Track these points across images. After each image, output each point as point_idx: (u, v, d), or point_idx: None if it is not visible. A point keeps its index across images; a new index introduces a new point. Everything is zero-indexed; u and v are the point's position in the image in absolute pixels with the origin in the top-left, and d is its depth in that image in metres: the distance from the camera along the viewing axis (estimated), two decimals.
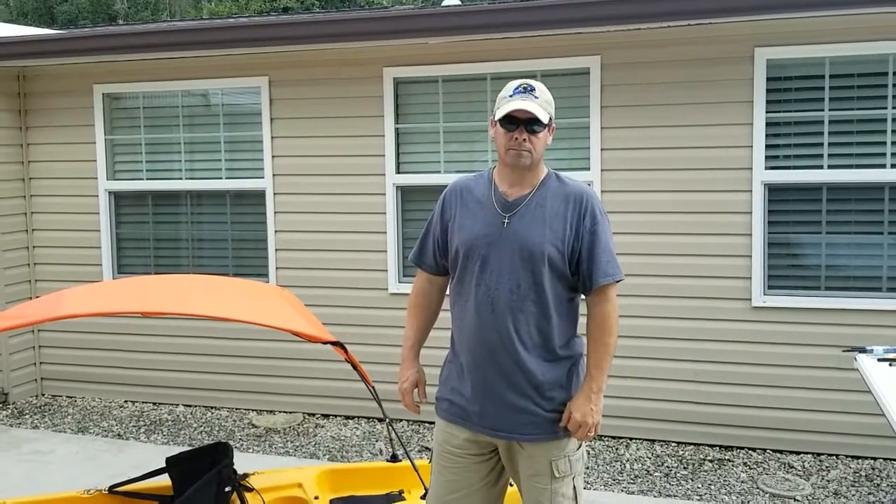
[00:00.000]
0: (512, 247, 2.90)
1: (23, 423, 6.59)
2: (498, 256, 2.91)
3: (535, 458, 2.94)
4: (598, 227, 2.91)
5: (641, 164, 5.73)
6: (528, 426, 2.93)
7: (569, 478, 2.95)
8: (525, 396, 2.91)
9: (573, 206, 2.92)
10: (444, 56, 6.07)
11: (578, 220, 2.90)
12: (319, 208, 6.47)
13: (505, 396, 2.92)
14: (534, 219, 2.91)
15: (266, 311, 3.61)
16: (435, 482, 3.12)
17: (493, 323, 2.90)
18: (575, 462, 2.98)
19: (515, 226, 2.91)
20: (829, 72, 5.37)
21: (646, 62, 5.67)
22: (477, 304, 2.93)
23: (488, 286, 2.91)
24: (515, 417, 2.92)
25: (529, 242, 2.88)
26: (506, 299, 2.88)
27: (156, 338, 6.95)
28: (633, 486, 5.17)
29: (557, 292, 2.91)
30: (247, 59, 6.50)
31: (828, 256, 5.49)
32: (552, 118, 2.97)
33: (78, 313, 3.31)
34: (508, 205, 2.96)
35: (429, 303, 3.21)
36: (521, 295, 2.88)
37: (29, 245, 7.24)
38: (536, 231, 2.89)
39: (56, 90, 7.06)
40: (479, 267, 2.93)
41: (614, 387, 5.84)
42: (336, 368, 6.43)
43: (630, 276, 5.74)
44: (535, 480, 2.95)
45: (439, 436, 3.11)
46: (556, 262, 2.89)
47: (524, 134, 2.90)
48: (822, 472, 5.31)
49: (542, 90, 2.96)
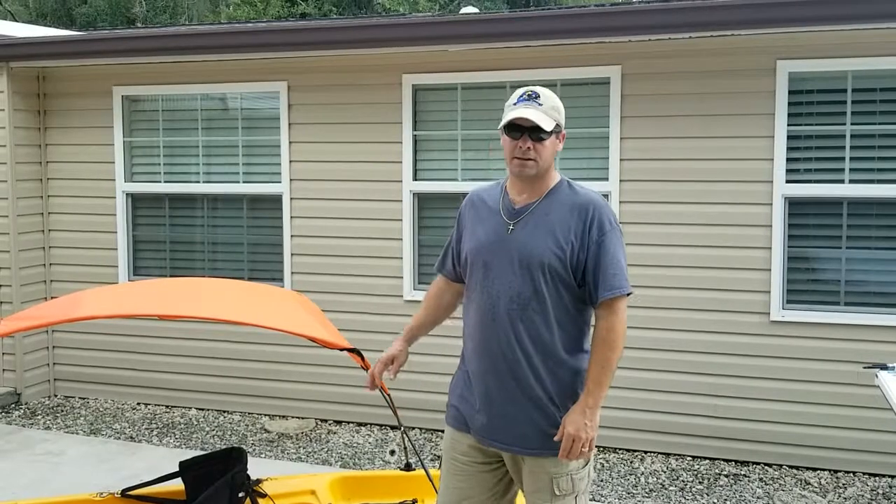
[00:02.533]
0: (512, 254, 2.85)
1: (35, 423, 6.60)
2: (500, 264, 2.87)
3: (536, 473, 2.87)
4: (605, 237, 2.82)
5: (661, 175, 5.69)
6: (528, 439, 2.86)
7: (570, 496, 2.85)
8: (524, 408, 2.86)
9: (580, 215, 2.84)
10: (463, 63, 6.05)
11: (584, 231, 2.82)
12: (336, 214, 6.46)
13: (505, 407, 2.87)
14: (537, 227, 2.86)
15: (283, 316, 3.59)
16: (443, 488, 3.09)
17: (493, 331, 2.86)
18: (578, 481, 2.87)
19: (518, 233, 2.87)
20: (852, 86, 5.33)
21: (667, 73, 5.64)
22: (481, 311, 2.90)
23: (490, 293, 2.88)
24: (515, 429, 2.87)
25: (529, 250, 2.83)
26: (506, 307, 2.84)
27: (169, 341, 6.95)
28: (647, 500, 5.13)
29: (562, 302, 2.84)
30: (266, 63, 6.51)
31: (848, 271, 5.43)
32: (560, 125, 2.90)
33: (95, 315, 3.30)
34: (515, 212, 2.92)
35: (440, 302, 3.22)
36: (521, 303, 2.83)
37: (45, 245, 7.26)
38: (538, 239, 2.84)
39: (75, 91, 7.08)
40: (482, 274, 2.91)
41: (629, 399, 5.83)
42: (349, 375, 6.41)
43: (647, 288, 5.73)
44: (537, 497, 2.87)
45: (447, 442, 3.09)
46: (559, 272, 2.82)
47: (528, 142, 2.84)
48: (839, 489, 5.24)
49: (548, 96, 2.90)
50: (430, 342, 5.98)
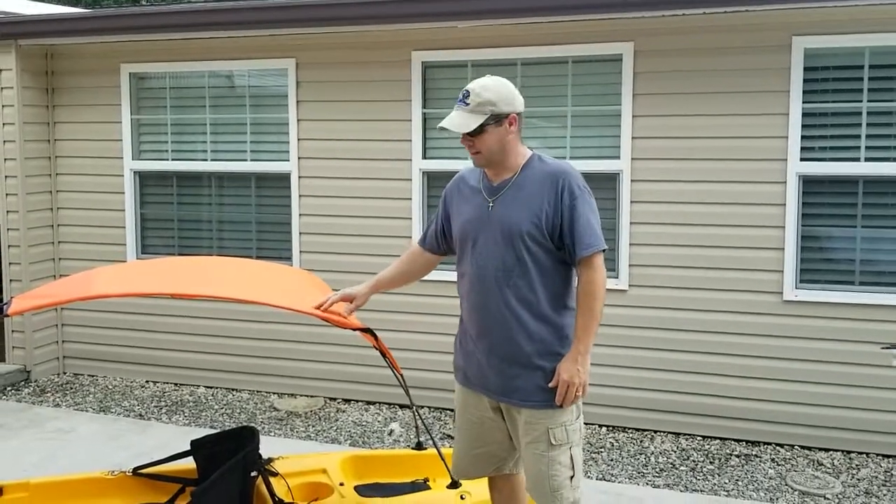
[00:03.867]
0: (495, 227, 3.13)
1: (44, 401, 6.61)
2: (485, 237, 3.16)
3: (533, 424, 3.12)
4: (576, 201, 3.07)
5: (673, 154, 5.63)
6: (523, 392, 3.13)
7: (566, 447, 3.12)
8: (517, 364, 3.13)
9: (552, 184, 3.09)
10: (473, 40, 5.99)
11: (557, 197, 3.07)
12: (345, 192, 6.42)
13: (501, 364, 3.15)
14: (514, 200, 3.12)
15: (296, 295, 3.57)
16: (456, 441, 3.44)
17: (484, 297, 3.15)
18: (572, 432, 3.14)
19: (498, 208, 3.15)
20: (869, 62, 5.25)
21: (680, 49, 5.57)
22: (471, 280, 3.20)
23: (479, 264, 3.17)
24: (510, 383, 3.14)
25: (509, 222, 3.10)
26: (493, 275, 3.13)
27: (178, 319, 6.94)
28: (658, 480, 5.11)
29: (543, 266, 3.11)
30: (274, 40, 6.45)
31: (862, 251, 5.38)
32: (496, 114, 3.08)
33: (108, 293, 3.28)
34: (493, 189, 3.20)
35: (410, 268, 3.57)
36: (506, 271, 3.11)
37: (54, 223, 7.24)
38: (516, 212, 3.10)
39: (83, 69, 7.03)
40: (470, 247, 3.21)
41: (639, 378, 5.81)
42: (358, 354, 6.39)
43: (659, 268, 5.70)
44: (534, 447, 3.13)
45: (457, 398, 3.40)
46: (537, 238, 3.08)
47: (466, 140, 3.13)
48: (851, 470, 5.22)
49: (479, 91, 3.09)
50: (439, 321, 6.01)
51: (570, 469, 3.12)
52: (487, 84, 3.13)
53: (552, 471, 3.10)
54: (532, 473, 3.16)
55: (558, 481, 3.10)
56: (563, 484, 3.11)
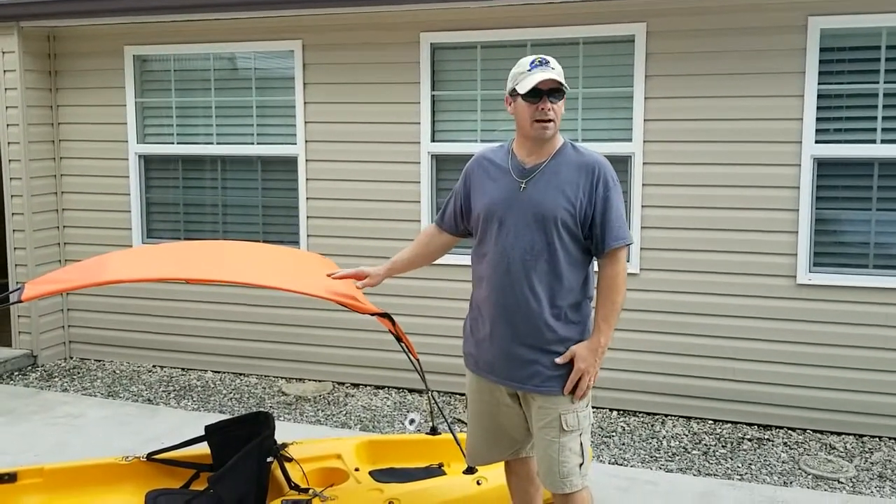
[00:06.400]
0: (526, 210, 3.08)
1: (52, 385, 6.58)
2: (514, 219, 3.10)
3: (546, 409, 3.10)
4: (610, 193, 3.07)
5: (686, 136, 5.58)
6: (538, 378, 3.10)
7: (576, 433, 3.11)
8: (535, 349, 3.09)
9: (587, 174, 3.08)
10: (483, 21, 5.91)
11: (591, 188, 3.07)
12: (352, 176, 6.37)
13: (518, 349, 3.11)
14: (548, 185, 3.09)
15: (311, 279, 3.52)
16: (469, 427, 3.41)
17: (507, 280, 3.09)
18: (583, 418, 3.13)
19: (530, 191, 3.10)
20: (886, 42, 5.19)
21: (693, 30, 5.50)
22: (494, 262, 3.13)
23: (504, 246, 3.10)
24: (526, 369, 3.11)
25: (543, 206, 3.07)
26: (520, 258, 3.08)
27: (185, 303, 6.90)
28: (671, 464, 5.09)
29: (570, 254, 3.09)
30: (280, 21, 6.37)
31: (877, 234, 5.34)
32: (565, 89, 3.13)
33: (121, 279, 3.24)
34: (525, 171, 3.15)
35: (427, 250, 3.50)
36: (534, 255, 3.06)
37: (58, 208, 7.19)
38: (550, 196, 3.07)
39: (86, 51, 6.95)
40: (497, 228, 3.13)
41: (650, 362, 5.78)
42: (366, 338, 6.36)
43: (671, 251, 5.66)
44: (545, 432, 3.11)
45: (470, 385, 3.36)
46: (569, 226, 3.06)
47: (547, 104, 3.06)
48: (864, 454, 5.20)
49: (555, 62, 3.11)
50: (451, 306, 5.97)
51: (579, 456, 3.12)
52: (553, 59, 3.12)
53: (562, 457, 3.09)
54: (543, 459, 3.15)
55: (568, 467, 3.10)
56: (573, 470, 3.10)
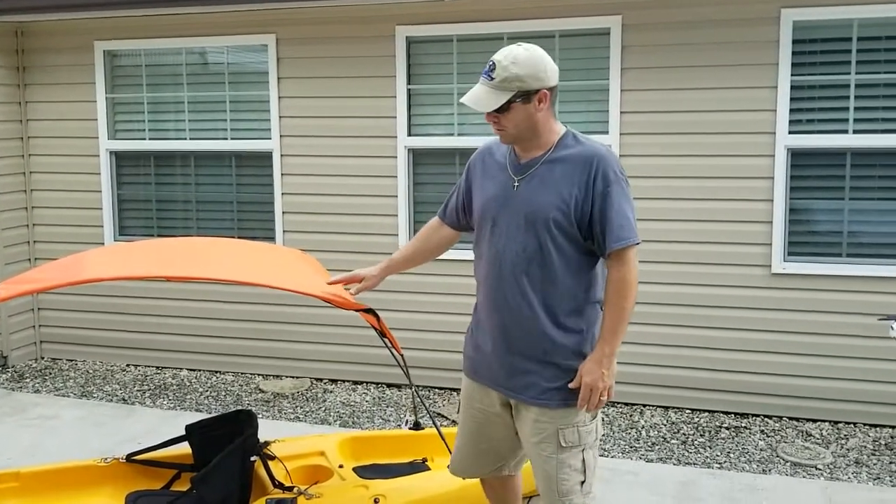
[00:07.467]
0: (518, 210, 2.86)
1: (24, 386, 6.48)
2: (506, 219, 2.89)
3: (542, 423, 2.89)
4: (610, 188, 2.79)
5: (662, 128, 5.61)
6: (534, 389, 2.89)
7: (577, 449, 2.89)
8: (531, 359, 2.89)
9: (584, 168, 2.82)
10: (459, 14, 5.89)
11: (589, 183, 2.80)
12: (328, 171, 6.33)
13: (514, 357, 2.91)
14: (542, 182, 2.85)
15: (295, 276, 3.50)
16: (459, 435, 3.22)
17: (500, 284, 2.89)
18: (585, 434, 2.90)
19: (523, 189, 2.87)
20: (857, 34, 5.25)
21: (668, 22, 5.53)
22: (488, 265, 2.94)
23: (497, 248, 2.90)
24: (522, 379, 2.91)
25: (534, 206, 2.83)
26: (511, 261, 2.87)
27: (158, 301, 6.82)
28: (651, 454, 5.13)
29: (568, 257, 2.84)
30: (253, 15, 6.30)
31: (850, 223, 5.41)
32: (523, 90, 2.80)
33: (100, 277, 3.19)
34: (520, 168, 2.93)
35: (427, 245, 3.33)
36: (526, 259, 2.84)
37: (28, 206, 7.07)
38: (543, 195, 2.83)
39: (55, 47, 6.84)
40: (490, 229, 2.94)
41: (628, 353, 5.78)
42: (343, 333, 6.34)
43: (648, 243, 5.66)
44: (542, 448, 2.91)
45: (464, 391, 3.18)
46: (563, 227, 2.81)
47: (493, 117, 2.87)
48: (840, 440, 5.27)
49: (505, 65, 2.79)
50: (437, 300, 5.95)
51: (580, 473, 2.89)
52: (518, 57, 2.79)
53: (561, 474, 2.87)
54: (540, 475, 2.95)
55: (567, 486, 2.88)
56: (573, 489, 2.88)
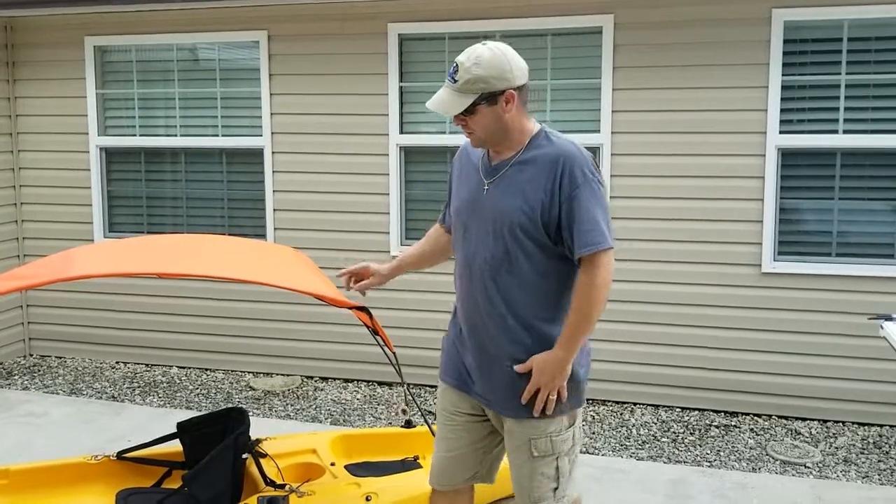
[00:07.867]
0: (486, 215, 2.76)
1: (12, 384, 6.44)
2: (475, 225, 2.80)
3: (515, 433, 2.84)
4: (578, 191, 2.63)
5: (653, 127, 5.62)
6: (506, 400, 2.81)
7: (550, 457, 2.82)
8: (498, 368, 2.80)
9: (550, 169, 2.67)
10: (452, 12, 5.89)
11: (555, 186, 2.65)
12: (320, 168, 6.32)
13: (486, 364, 2.84)
14: (509, 185, 2.73)
15: (289, 273, 3.49)
16: (436, 439, 3.13)
17: (471, 291, 2.82)
18: (560, 442, 2.82)
19: (492, 193, 2.76)
20: (848, 34, 5.28)
21: (660, 22, 5.54)
22: (460, 271, 2.87)
23: (467, 254, 2.83)
24: (495, 388, 2.83)
25: (500, 211, 2.72)
26: (480, 267, 2.77)
27: (148, 298, 6.79)
28: (641, 452, 5.14)
29: (536, 262, 2.72)
30: (245, 11, 6.28)
31: (840, 223, 5.43)
32: (487, 91, 2.67)
33: (92, 274, 3.17)
34: (490, 170, 2.81)
35: (436, 246, 3.24)
36: (494, 265, 2.74)
37: (17, 202, 7.03)
38: (509, 199, 2.72)
39: (45, 42, 6.80)
40: (461, 234, 2.86)
41: (618, 352, 5.83)
42: (334, 331, 6.33)
43: (638, 241, 5.70)
44: (515, 456, 2.87)
45: (440, 395, 3.10)
46: (530, 232, 2.69)
47: (460, 120, 2.74)
48: (829, 438, 5.30)
49: (468, 67, 2.67)
50: (425, 299, 5.95)
51: (553, 480, 2.83)
52: (480, 58, 2.66)
53: (534, 482, 2.84)
54: (514, 481, 2.93)
55: (540, 493, 2.85)
56: (545, 496, 2.84)
